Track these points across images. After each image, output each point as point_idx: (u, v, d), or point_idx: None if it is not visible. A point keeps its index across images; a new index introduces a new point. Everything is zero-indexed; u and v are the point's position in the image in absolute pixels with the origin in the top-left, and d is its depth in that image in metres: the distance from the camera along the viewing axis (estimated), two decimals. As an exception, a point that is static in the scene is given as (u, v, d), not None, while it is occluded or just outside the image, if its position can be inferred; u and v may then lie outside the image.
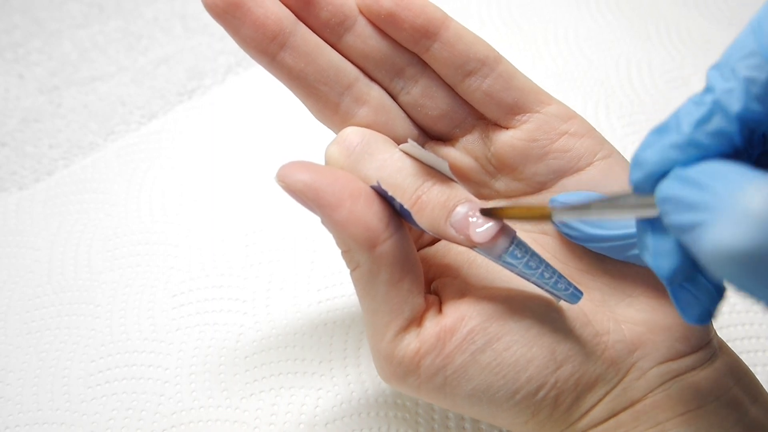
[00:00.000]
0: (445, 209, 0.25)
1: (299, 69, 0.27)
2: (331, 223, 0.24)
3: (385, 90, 0.28)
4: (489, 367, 0.25)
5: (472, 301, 0.26)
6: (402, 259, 0.25)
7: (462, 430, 0.33)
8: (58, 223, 0.42)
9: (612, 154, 0.28)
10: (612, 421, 0.26)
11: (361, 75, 0.28)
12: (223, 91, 0.49)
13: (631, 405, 0.26)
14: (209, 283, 0.39)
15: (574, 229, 0.26)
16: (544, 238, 0.29)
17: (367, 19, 0.27)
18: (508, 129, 0.28)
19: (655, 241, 0.21)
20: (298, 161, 0.24)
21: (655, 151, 0.20)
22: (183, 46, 0.52)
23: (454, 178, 0.26)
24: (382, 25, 0.27)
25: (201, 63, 0.51)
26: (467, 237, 0.24)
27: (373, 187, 0.25)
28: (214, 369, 0.36)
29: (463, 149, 0.29)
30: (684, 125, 0.20)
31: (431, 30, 0.26)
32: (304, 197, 0.24)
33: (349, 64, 0.27)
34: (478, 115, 0.28)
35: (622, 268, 0.27)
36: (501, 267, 0.26)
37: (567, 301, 0.25)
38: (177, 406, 0.35)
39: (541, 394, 0.25)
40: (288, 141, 0.46)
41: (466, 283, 0.28)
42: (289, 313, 0.38)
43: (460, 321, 0.25)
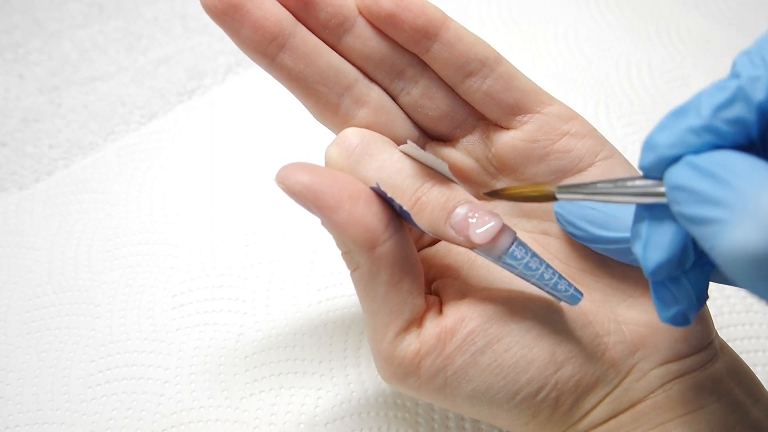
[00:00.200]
0: (444, 210, 0.25)
1: (299, 70, 0.27)
2: (330, 225, 0.24)
3: (385, 91, 0.28)
4: (489, 368, 0.25)
5: (473, 302, 0.26)
6: (402, 260, 0.25)
7: (462, 430, 0.33)
8: (58, 223, 0.42)
9: (613, 154, 0.28)
10: (613, 422, 0.26)
11: (360, 76, 0.27)
12: (223, 91, 0.49)
13: (631, 406, 0.26)
14: (209, 283, 0.39)
15: (579, 228, 0.26)
16: (545, 238, 0.29)
17: (366, 20, 0.27)
18: (508, 130, 0.28)
19: (651, 230, 0.21)
20: (298, 163, 0.24)
21: (670, 135, 0.20)
22: (183, 46, 0.52)
23: (454, 179, 0.26)
24: (382, 26, 0.27)
25: (201, 63, 0.51)
26: (467, 238, 0.24)
27: (372, 189, 0.25)
28: (214, 369, 0.36)
29: (464, 150, 0.29)
30: (703, 109, 0.19)
31: (431, 31, 0.26)
32: (304, 199, 0.24)
33: (348, 65, 0.27)
34: (479, 116, 0.28)
35: (623, 269, 0.27)
36: (501, 268, 0.26)
37: (567, 303, 0.25)
38: (177, 406, 0.35)
39: (541, 396, 0.25)
40: (288, 141, 0.46)
41: (467, 284, 0.28)
42: (289, 313, 0.38)
43: (461, 322, 0.25)
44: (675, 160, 0.20)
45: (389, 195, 0.24)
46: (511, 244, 0.24)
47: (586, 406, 0.26)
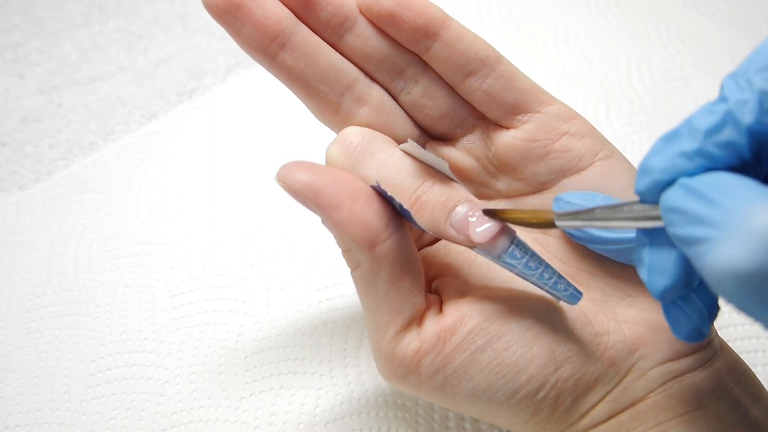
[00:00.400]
0: (444, 209, 0.25)
1: (299, 69, 0.27)
2: (330, 223, 0.24)
3: (385, 90, 0.28)
4: (489, 366, 0.25)
5: (473, 301, 0.26)
6: (402, 258, 0.25)
7: (462, 430, 0.33)
8: (58, 223, 0.42)
9: (613, 154, 0.28)
10: (612, 421, 0.26)
11: (361, 75, 0.28)
12: (223, 91, 0.49)
13: (631, 405, 0.26)
14: (209, 283, 0.39)
15: (578, 229, 0.26)
16: (545, 237, 0.29)
17: (367, 19, 0.27)
18: (509, 129, 0.28)
19: (653, 256, 0.21)
20: (298, 161, 0.24)
21: (663, 159, 0.20)
22: (183, 46, 0.52)
23: (454, 178, 0.26)
24: (383, 26, 0.27)
25: (201, 63, 0.51)
26: (467, 237, 0.24)
27: (372, 187, 0.25)
28: (214, 369, 0.36)
29: (464, 149, 0.29)
30: (694, 134, 0.20)
31: (432, 30, 0.26)
32: (304, 197, 0.24)
33: (349, 64, 0.27)
34: (479, 115, 0.28)
35: (622, 268, 0.27)
36: (501, 267, 0.26)
37: (567, 302, 0.25)
38: (177, 406, 0.35)
39: (541, 394, 0.25)
40: (288, 141, 0.46)
41: (467, 283, 0.28)
42: (289, 313, 0.38)
43: (461, 321, 0.25)
44: (669, 184, 0.20)
45: (389, 194, 0.24)
46: (511, 243, 0.25)
47: (586, 405, 0.26)
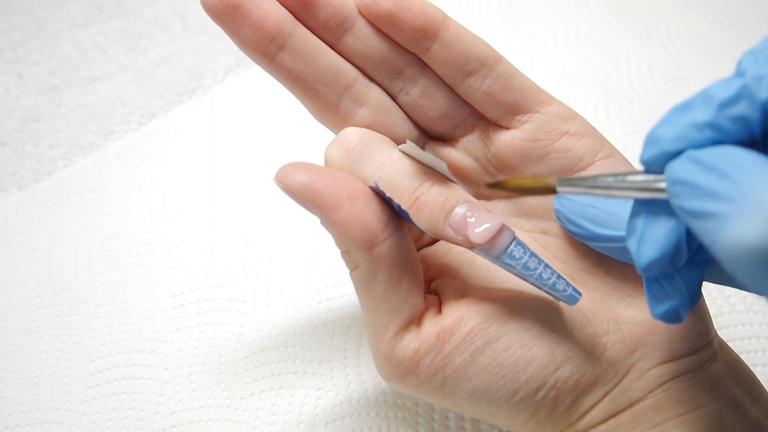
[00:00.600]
0: (443, 210, 0.25)
1: (298, 70, 0.27)
2: (329, 224, 0.24)
3: (384, 91, 0.28)
4: (488, 367, 0.25)
5: (472, 302, 0.26)
6: (401, 259, 0.25)
7: (462, 430, 0.33)
8: (58, 223, 0.42)
9: (613, 154, 0.28)
10: (612, 421, 0.26)
11: (360, 76, 0.28)
12: (223, 91, 0.49)
13: (630, 405, 0.26)
14: (209, 283, 0.39)
15: (578, 226, 0.26)
16: (544, 237, 0.29)
17: (366, 19, 0.27)
18: (508, 129, 0.28)
19: (646, 226, 0.21)
20: (297, 162, 0.24)
21: (673, 129, 0.20)
22: (183, 46, 0.52)
23: (453, 179, 0.26)
24: (382, 26, 0.27)
25: (201, 63, 0.51)
26: (465, 238, 0.24)
27: (371, 188, 0.25)
28: (214, 369, 0.36)
29: (464, 149, 0.29)
30: (707, 105, 0.19)
31: (431, 30, 0.26)
32: (303, 198, 0.24)
33: (348, 64, 0.27)
34: (479, 116, 0.28)
35: (622, 268, 0.27)
36: (500, 267, 0.26)
37: (566, 302, 0.25)
38: (177, 406, 0.35)
39: (540, 395, 0.25)
40: (288, 141, 0.46)
41: (466, 283, 0.28)
42: (289, 313, 0.38)
43: (460, 321, 0.25)
44: (676, 155, 0.20)
45: (388, 194, 0.24)
46: (510, 243, 0.25)
47: (585, 406, 0.26)
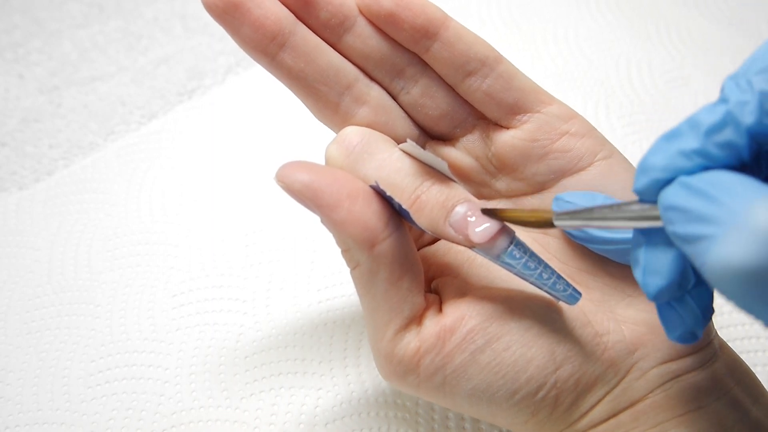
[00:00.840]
0: (444, 209, 0.25)
1: (299, 69, 0.27)
2: (330, 223, 0.24)
3: (385, 90, 0.28)
4: (488, 366, 0.25)
5: (472, 301, 0.26)
6: (401, 257, 0.25)
7: (462, 430, 0.33)
8: (58, 223, 0.42)
9: (613, 154, 0.28)
10: (612, 421, 0.26)
11: (360, 75, 0.28)
12: (223, 91, 0.49)
13: (631, 405, 0.26)
14: (209, 283, 0.39)
15: (578, 229, 0.26)
16: (544, 237, 0.29)
17: (366, 19, 0.27)
18: (508, 129, 0.28)
19: (648, 256, 0.21)
20: (297, 161, 0.24)
21: (662, 158, 0.20)
22: (183, 46, 0.52)
23: (454, 178, 0.26)
24: (382, 26, 0.27)
25: (201, 63, 0.51)
26: (466, 237, 0.24)
27: (372, 187, 0.25)
28: (214, 369, 0.36)
29: (464, 149, 0.29)
30: (694, 133, 0.20)
31: (431, 30, 0.26)
32: (303, 197, 0.24)
33: (349, 64, 0.27)
34: (479, 115, 0.28)
35: (622, 268, 0.27)
36: (500, 267, 0.26)
37: (566, 302, 0.25)
38: (177, 406, 0.35)
39: (540, 394, 0.25)
40: (288, 141, 0.46)
41: (466, 283, 0.28)
42: (289, 313, 0.38)
43: (460, 320, 0.25)
44: (668, 183, 0.20)
45: (388, 193, 0.24)
46: (510, 243, 0.25)
47: (586, 405, 0.26)
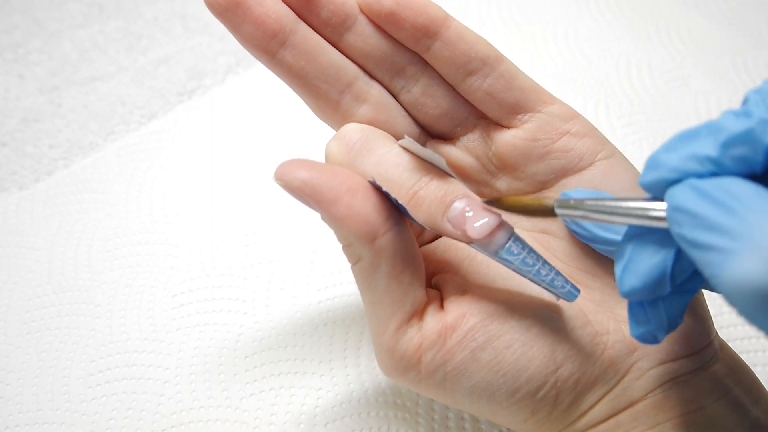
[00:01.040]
0: (442, 204, 0.25)
1: (299, 67, 0.27)
2: (330, 219, 0.24)
3: (385, 89, 0.28)
4: (489, 365, 0.25)
5: (474, 299, 0.26)
6: (403, 251, 0.25)
7: (462, 430, 0.33)
8: (58, 223, 0.42)
9: (614, 154, 0.28)
10: (611, 421, 0.26)
11: (361, 73, 0.28)
12: (223, 91, 0.49)
13: (630, 405, 0.26)
14: (209, 283, 0.39)
15: (583, 228, 0.26)
16: (544, 237, 0.29)
17: (367, 18, 0.27)
18: (509, 128, 0.28)
19: (633, 254, 0.21)
20: (296, 159, 0.24)
21: (675, 157, 0.20)
22: (183, 46, 0.52)
23: (452, 174, 0.26)
24: (383, 25, 0.27)
25: (201, 63, 0.51)
26: (464, 232, 0.24)
27: (370, 183, 0.25)
28: (214, 369, 0.36)
29: (464, 148, 0.29)
30: (712, 140, 0.19)
31: (432, 29, 0.26)
32: (303, 194, 0.24)
33: (349, 62, 0.27)
34: (480, 114, 0.28)
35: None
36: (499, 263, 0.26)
37: (564, 299, 0.25)
38: (177, 406, 0.35)
39: (541, 394, 0.25)
40: (288, 141, 0.46)
41: (467, 280, 0.28)
42: (289, 313, 0.38)
43: (462, 318, 0.25)
44: (675, 182, 0.20)
45: (384, 189, 0.24)
46: (508, 239, 0.24)
47: (585, 405, 0.26)
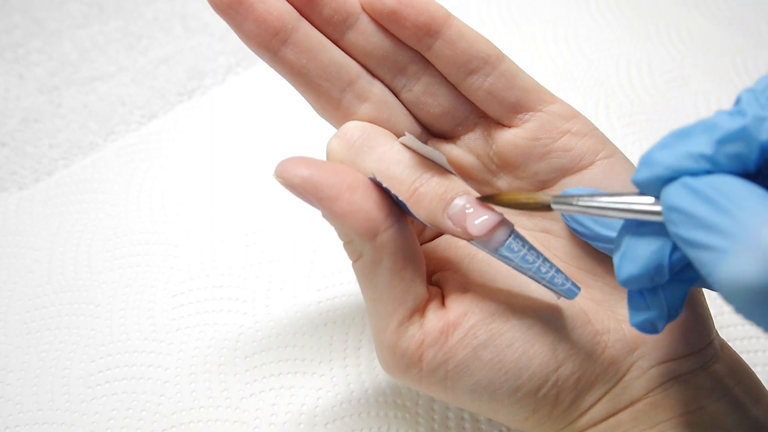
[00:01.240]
0: (442, 201, 0.25)
1: (301, 65, 0.27)
2: (331, 215, 0.24)
3: (387, 87, 0.28)
4: (491, 363, 0.25)
5: (476, 297, 0.26)
6: (404, 248, 0.25)
7: (462, 430, 0.33)
8: (58, 223, 0.42)
9: (614, 153, 0.28)
10: (611, 420, 0.26)
11: (363, 72, 0.28)
12: (223, 91, 0.49)
13: (630, 404, 0.26)
14: (209, 283, 0.39)
15: (583, 226, 0.26)
16: (546, 236, 0.29)
17: (369, 16, 0.27)
18: (510, 127, 0.28)
19: (630, 243, 0.22)
20: (296, 156, 0.25)
21: (669, 155, 0.20)
22: (183, 46, 0.52)
23: (453, 171, 0.26)
24: (385, 23, 0.27)
25: (201, 63, 0.51)
26: (464, 229, 0.24)
27: (370, 179, 0.25)
28: (214, 369, 0.36)
29: (465, 147, 0.29)
30: (707, 137, 0.20)
31: (434, 28, 0.26)
32: (303, 191, 0.24)
33: (351, 60, 0.27)
34: (481, 113, 0.28)
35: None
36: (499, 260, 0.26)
37: (564, 297, 0.25)
38: (177, 406, 0.34)
39: (542, 392, 0.25)
40: (288, 141, 0.46)
41: (467, 278, 0.28)
42: (289, 313, 0.38)
43: (463, 316, 0.25)
44: (669, 181, 0.20)
45: (384, 185, 0.24)
46: (508, 236, 0.24)
47: (585, 404, 0.26)
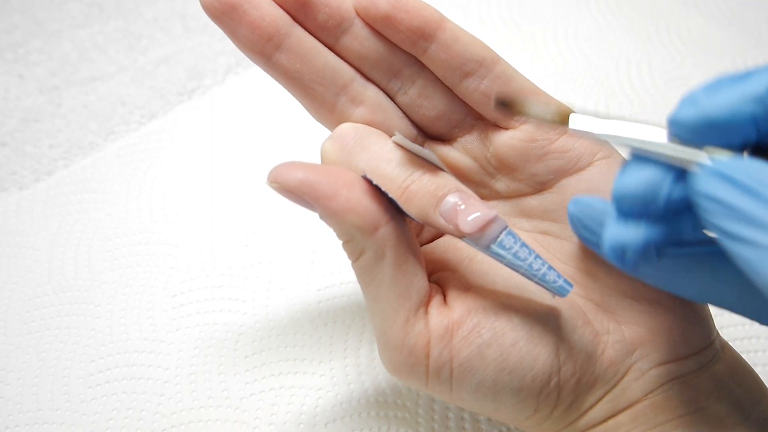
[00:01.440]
0: (434, 198, 0.25)
1: (295, 69, 0.27)
2: (329, 214, 0.24)
3: (382, 91, 0.28)
4: (495, 362, 0.25)
5: (478, 296, 0.26)
6: (405, 241, 0.25)
7: (462, 430, 0.33)
8: (58, 223, 0.42)
9: (612, 154, 0.28)
10: (611, 421, 0.26)
11: (357, 75, 0.27)
12: (223, 91, 0.49)
13: (630, 406, 0.26)
14: (209, 283, 0.39)
15: (593, 233, 0.26)
16: (544, 238, 0.29)
17: (363, 21, 0.27)
18: (507, 129, 0.28)
19: (635, 164, 0.21)
20: (289, 161, 0.25)
21: (726, 97, 0.19)
22: (183, 46, 0.52)
23: (445, 169, 0.26)
24: (379, 27, 0.27)
25: (201, 63, 0.51)
26: (456, 226, 0.24)
27: (363, 178, 0.25)
28: (214, 369, 0.36)
29: (462, 149, 0.29)
30: (764, 82, 0.18)
31: (428, 32, 0.26)
32: (300, 193, 0.24)
33: (345, 64, 0.27)
34: (477, 116, 0.28)
35: (622, 272, 0.27)
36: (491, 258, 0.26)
37: (557, 294, 0.25)
38: (177, 406, 0.35)
39: (544, 392, 0.25)
40: (287, 141, 0.46)
41: (467, 280, 0.28)
42: (289, 313, 0.38)
43: (467, 314, 0.25)
44: (717, 126, 0.19)
45: (374, 182, 0.24)
46: (500, 232, 0.24)
47: (585, 405, 0.26)
